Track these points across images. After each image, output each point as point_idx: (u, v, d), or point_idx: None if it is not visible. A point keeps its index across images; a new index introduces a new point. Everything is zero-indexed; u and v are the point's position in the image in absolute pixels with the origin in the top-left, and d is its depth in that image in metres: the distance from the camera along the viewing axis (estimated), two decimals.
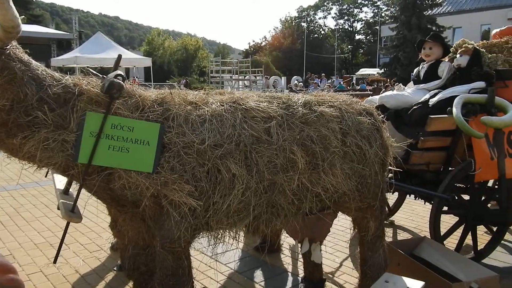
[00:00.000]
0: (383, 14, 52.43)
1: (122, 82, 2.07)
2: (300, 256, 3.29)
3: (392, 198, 4.68)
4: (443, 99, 3.60)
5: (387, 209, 4.71)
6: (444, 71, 3.94)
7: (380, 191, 2.68)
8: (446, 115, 3.39)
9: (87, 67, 2.82)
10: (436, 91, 3.81)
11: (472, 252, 3.65)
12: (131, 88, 2.17)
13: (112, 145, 2.05)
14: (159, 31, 60.32)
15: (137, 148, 2.06)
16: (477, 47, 3.91)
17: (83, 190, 2.16)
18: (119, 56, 2.38)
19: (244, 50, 64.41)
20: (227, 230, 2.30)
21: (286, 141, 2.30)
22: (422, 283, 2.43)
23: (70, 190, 2.98)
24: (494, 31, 4.45)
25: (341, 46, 57.63)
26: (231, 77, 26.72)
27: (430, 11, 36.93)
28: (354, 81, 35.23)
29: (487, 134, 3.46)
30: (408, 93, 4.03)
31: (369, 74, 37.11)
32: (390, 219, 4.75)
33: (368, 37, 57.46)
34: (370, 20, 57.94)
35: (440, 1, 37.56)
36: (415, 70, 4.36)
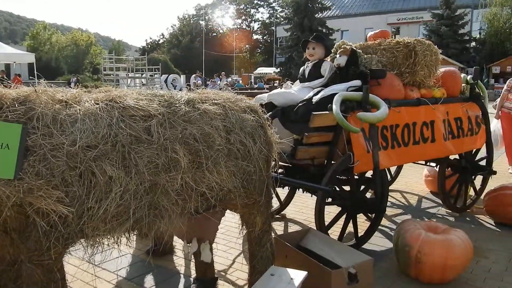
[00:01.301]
0: (278, 15, 54.42)
1: None
2: (193, 256, 3.24)
3: (284, 192, 4.85)
4: (325, 96, 3.80)
5: (279, 203, 4.91)
6: (326, 70, 4.17)
7: (266, 187, 2.74)
8: (327, 112, 3.58)
9: None
10: (319, 89, 4.03)
11: (354, 239, 3.93)
12: None
13: None
14: (45, 25, 55.57)
15: None
16: (354, 48, 4.21)
17: None
18: None
19: (141, 47, 62.26)
20: (107, 236, 2.16)
21: (167, 140, 2.23)
22: (305, 273, 2.54)
23: None
24: (369, 34, 4.82)
25: (239, 45, 58.59)
26: (127, 75, 25.61)
27: (320, 14, 39.21)
28: (252, 80, 36.08)
29: (363, 129, 3.74)
30: (294, 91, 4.19)
31: (266, 73, 38.29)
32: (282, 212, 4.92)
33: (265, 37, 59.18)
34: (267, 21, 59.80)
35: (328, 5, 40.00)
36: (301, 69, 4.56)
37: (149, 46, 60.80)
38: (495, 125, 6.89)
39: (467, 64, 30.12)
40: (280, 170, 4.47)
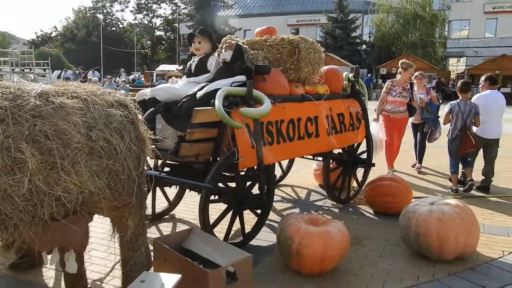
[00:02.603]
0: (181, 12, 53.53)
1: None
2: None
3: (173, 191, 4.66)
4: (209, 91, 3.70)
5: (167, 202, 4.71)
6: (213, 65, 4.08)
7: (137, 187, 2.55)
8: (210, 107, 3.48)
9: None
10: (204, 84, 3.92)
11: (241, 236, 3.89)
12: None
13: None
14: None
15: None
16: (239, 43, 4.17)
17: None
18: None
19: (31, 40, 57.01)
20: None
21: (10, 138, 1.94)
22: (178, 276, 2.41)
23: None
24: (256, 30, 4.82)
25: (141, 41, 56.54)
26: (12, 69, 23.27)
27: (223, 12, 39.37)
28: (154, 77, 35.03)
29: (248, 124, 3.71)
30: (179, 86, 4.03)
31: (168, 70, 37.41)
32: (171, 212, 4.74)
33: (168, 34, 57.82)
34: (169, 17, 58.47)
35: (231, 4, 40.30)
36: (188, 64, 4.41)
37: (40, 39, 55.96)
38: (374, 128, 6.41)
39: (359, 65, 32.44)
40: (166, 169, 4.31)
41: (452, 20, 39.95)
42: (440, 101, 8.29)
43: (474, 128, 5.88)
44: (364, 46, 39.78)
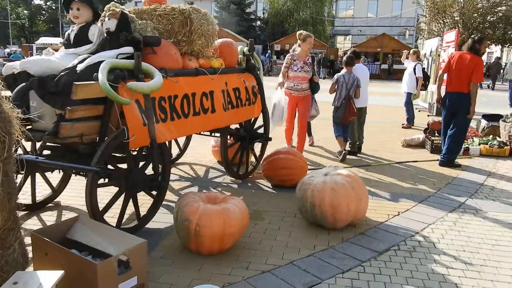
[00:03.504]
0: None
1: None
2: None
3: (57, 176, 4.20)
4: (91, 64, 3.33)
5: (50, 189, 4.25)
6: (95, 34, 3.69)
7: (4, 175, 2.18)
8: (93, 82, 3.13)
9: None
10: (85, 56, 3.52)
11: (136, 219, 3.65)
12: None
13: None
14: None
15: None
16: (125, 11, 3.81)
17: None
18: None
19: None
20: None
21: None
22: (60, 273, 2.13)
23: None
24: None
25: (15, 11, 50.49)
26: None
27: None
28: (34, 51, 31.77)
29: (138, 100, 3.43)
30: (55, 58, 3.59)
31: (51, 44, 34.08)
32: (56, 200, 4.28)
33: (48, 3, 52.28)
34: None
35: None
36: (66, 34, 3.93)
37: None
38: (279, 95, 6.13)
39: (254, 41, 32.87)
40: (46, 152, 3.85)
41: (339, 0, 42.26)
42: (323, 77, 8.72)
43: None
44: (258, 23, 40.32)
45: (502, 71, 26.68)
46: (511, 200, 4.79)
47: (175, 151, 6.06)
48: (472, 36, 7.03)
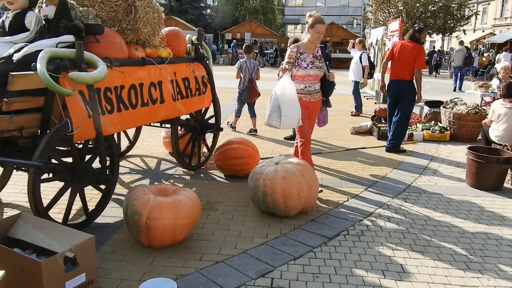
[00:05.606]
0: None
1: None
2: None
3: None
4: (29, 53, 3.15)
5: None
6: (32, 21, 3.48)
7: None
8: (31, 72, 2.97)
9: None
10: (22, 44, 3.32)
11: (84, 215, 3.53)
12: None
13: None
14: None
15: None
16: None
17: None
18: None
19: None
20: None
21: None
22: (0, 273, 2.02)
23: None
24: None
25: None
26: None
27: None
28: None
29: (82, 91, 3.29)
30: None
31: None
32: None
33: None
34: None
35: None
36: (0, 21, 3.69)
37: None
38: (289, 88, 4.29)
39: (205, 30, 32.47)
40: None
41: None
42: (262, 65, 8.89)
43: None
44: (209, 11, 39.83)
45: (443, 59, 28.06)
46: (452, 182, 5.07)
47: (124, 143, 5.90)
48: (414, 25, 7.32)
